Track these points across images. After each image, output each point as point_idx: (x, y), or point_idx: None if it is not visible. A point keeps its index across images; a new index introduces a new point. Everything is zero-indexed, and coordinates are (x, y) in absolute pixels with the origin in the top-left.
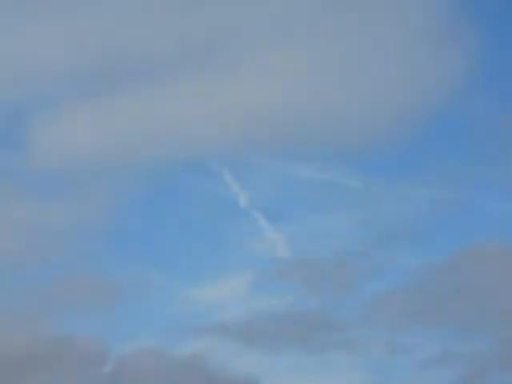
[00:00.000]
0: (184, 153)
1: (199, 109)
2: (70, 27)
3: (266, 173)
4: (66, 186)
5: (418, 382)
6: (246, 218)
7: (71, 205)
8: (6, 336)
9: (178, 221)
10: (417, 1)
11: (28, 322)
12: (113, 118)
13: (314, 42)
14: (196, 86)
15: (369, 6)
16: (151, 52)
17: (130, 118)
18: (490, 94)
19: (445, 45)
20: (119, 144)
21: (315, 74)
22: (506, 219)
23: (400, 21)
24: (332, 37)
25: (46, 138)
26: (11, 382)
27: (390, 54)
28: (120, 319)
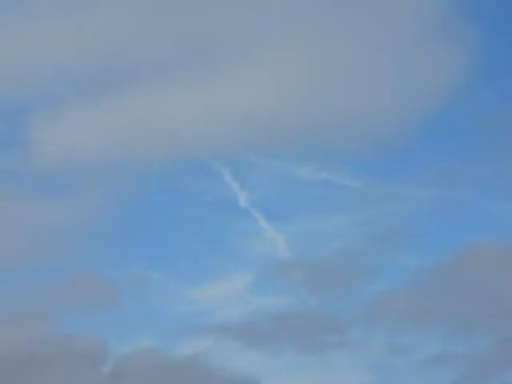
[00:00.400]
0: (184, 153)
1: (199, 109)
2: (69, 27)
3: (266, 173)
4: (65, 186)
5: (418, 381)
6: (246, 217)
7: (71, 205)
8: (5, 336)
9: (177, 221)
10: (417, 1)
11: (28, 322)
12: (113, 118)
13: (314, 42)
14: (196, 85)
15: (369, 5)
16: (151, 52)
17: (130, 118)
18: (490, 94)
19: (445, 45)
20: (119, 144)
21: (315, 74)
22: (507, 219)
23: (400, 21)
24: (332, 37)
25: (46, 138)
26: (11, 382)
27: (391, 54)
28: (120, 319)
